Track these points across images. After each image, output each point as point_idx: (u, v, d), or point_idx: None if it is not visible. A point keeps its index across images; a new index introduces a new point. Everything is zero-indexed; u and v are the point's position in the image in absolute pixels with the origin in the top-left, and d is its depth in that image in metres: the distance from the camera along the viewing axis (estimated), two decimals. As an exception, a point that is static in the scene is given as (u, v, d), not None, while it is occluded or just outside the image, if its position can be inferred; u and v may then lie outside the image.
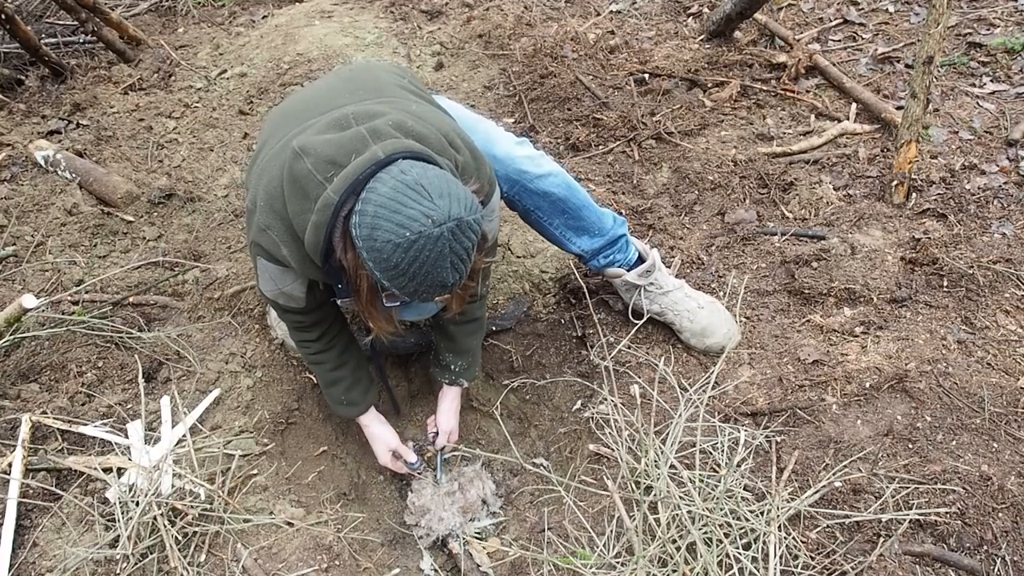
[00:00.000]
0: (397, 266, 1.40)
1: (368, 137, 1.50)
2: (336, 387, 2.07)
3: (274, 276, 1.74)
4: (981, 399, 1.91)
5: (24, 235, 2.69)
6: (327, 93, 1.79)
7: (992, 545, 1.67)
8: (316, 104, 1.74)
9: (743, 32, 3.46)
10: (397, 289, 1.45)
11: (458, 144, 1.67)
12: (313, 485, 2.19)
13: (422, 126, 1.60)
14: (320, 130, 1.58)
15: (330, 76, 1.96)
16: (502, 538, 2.05)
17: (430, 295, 1.47)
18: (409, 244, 1.37)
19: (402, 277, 1.42)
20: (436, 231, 1.37)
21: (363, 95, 1.74)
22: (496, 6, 3.78)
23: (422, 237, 1.37)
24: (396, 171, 1.43)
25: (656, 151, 2.92)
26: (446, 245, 1.39)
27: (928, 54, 2.37)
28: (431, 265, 1.40)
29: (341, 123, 1.58)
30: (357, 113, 1.59)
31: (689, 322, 2.19)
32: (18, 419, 2.07)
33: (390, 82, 1.83)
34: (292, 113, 1.77)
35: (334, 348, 2.01)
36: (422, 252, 1.38)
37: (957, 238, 2.33)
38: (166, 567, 1.78)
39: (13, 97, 3.44)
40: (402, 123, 1.57)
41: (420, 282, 1.42)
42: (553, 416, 2.32)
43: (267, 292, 1.81)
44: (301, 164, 1.52)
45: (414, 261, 1.39)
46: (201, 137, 3.19)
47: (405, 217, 1.37)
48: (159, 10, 4.21)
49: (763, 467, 1.85)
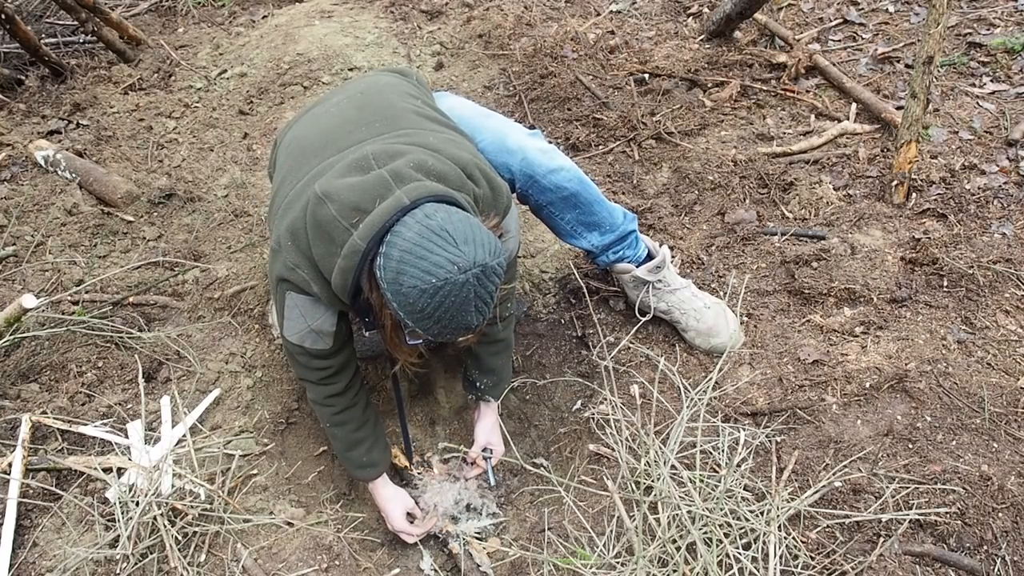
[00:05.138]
0: (423, 310, 1.42)
1: (391, 181, 1.51)
2: (358, 449, 1.99)
3: (304, 311, 1.71)
4: (981, 399, 1.91)
5: (24, 235, 2.69)
6: (341, 123, 1.79)
7: (992, 545, 1.67)
8: (333, 138, 1.74)
9: (743, 32, 3.46)
10: (421, 330, 1.48)
11: (476, 176, 1.69)
12: (313, 485, 2.19)
13: (441, 163, 1.61)
14: (341, 172, 1.59)
15: (342, 99, 1.92)
16: (502, 538, 2.05)
17: (454, 336, 1.51)
18: (435, 290, 1.39)
19: (427, 320, 1.44)
20: (462, 278, 1.39)
21: (379, 127, 1.74)
22: (496, 6, 3.78)
23: (448, 284, 1.39)
24: (421, 215, 1.45)
25: (656, 151, 2.92)
26: (471, 291, 1.41)
27: (928, 54, 2.37)
28: (456, 310, 1.42)
29: (362, 165, 1.59)
30: (377, 154, 1.60)
31: (695, 321, 2.18)
32: (18, 419, 2.07)
33: (404, 107, 1.82)
34: (309, 148, 1.77)
35: (358, 405, 1.97)
36: (447, 298, 1.40)
37: (957, 238, 2.33)
38: (166, 567, 1.78)
39: (13, 97, 3.44)
40: (423, 163, 1.58)
41: (445, 325, 1.45)
42: (553, 416, 2.32)
43: (294, 336, 1.76)
44: (325, 210, 1.53)
45: (439, 306, 1.41)
46: (201, 137, 3.19)
47: (431, 264, 1.39)
48: (159, 10, 4.20)
49: (763, 467, 1.85)
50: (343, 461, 2.08)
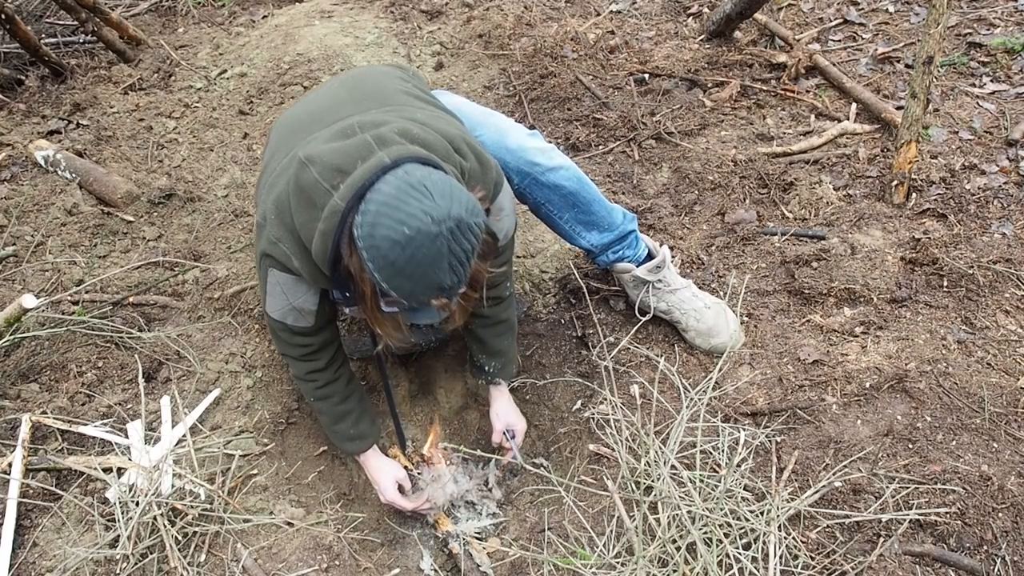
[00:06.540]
0: (394, 263, 1.39)
1: (374, 144, 1.50)
2: (344, 422, 2.02)
3: (286, 288, 1.72)
4: (981, 399, 1.91)
5: (24, 235, 2.69)
6: (331, 103, 1.79)
7: (992, 545, 1.67)
8: (321, 115, 1.74)
9: (743, 32, 3.46)
10: (394, 290, 1.43)
11: (464, 150, 1.67)
12: (313, 485, 2.19)
13: (427, 133, 1.60)
14: (326, 140, 1.59)
15: (333, 83, 1.95)
16: (502, 538, 2.05)
17: (426, 296, 1.44)
18: (408, 241, 1.36)
19: (399, 276, 1.40)
20: (435, 229, 1.36)
21: (368, 104, 1.74)
22: (496, 6, 3.78)
23: (420, 234, 1.36)
24: (400, 173, 1.43)
25: (656, 151, 2.92)
26: (444, 245, 1.38)
27: (928, 54, 2.37)
28: (428, 264, 1.38)
29: (346, 132, 1.59)
30: (362, 122, 1.60)
31: (696, 321, 2.18)
32: (18, 419, 2.07)
33: (395, 88, 1.83)
34: (298, 125, 1.77)
35: (341, 379, 1.99)
36: (420, 250, 1.37)
37: (957, 238, 2.33)
38: (166, 567, 1.78)
39: (13, 97, 3.44)
40: (407, 130, 1.57)
41: (416, 282, 1.41)
42: (553, 416, 2.32)
43: (276, 312, 1.78)
44: (307, 173, 1.52)
45: (411, 259, 1.38)
46: (201, 137, 3.19)
47: (405, 214, 1.37)
48: (159, 10, 4.20)
49: (763, 467, 1.85)
50: (331, 437, 2.09)
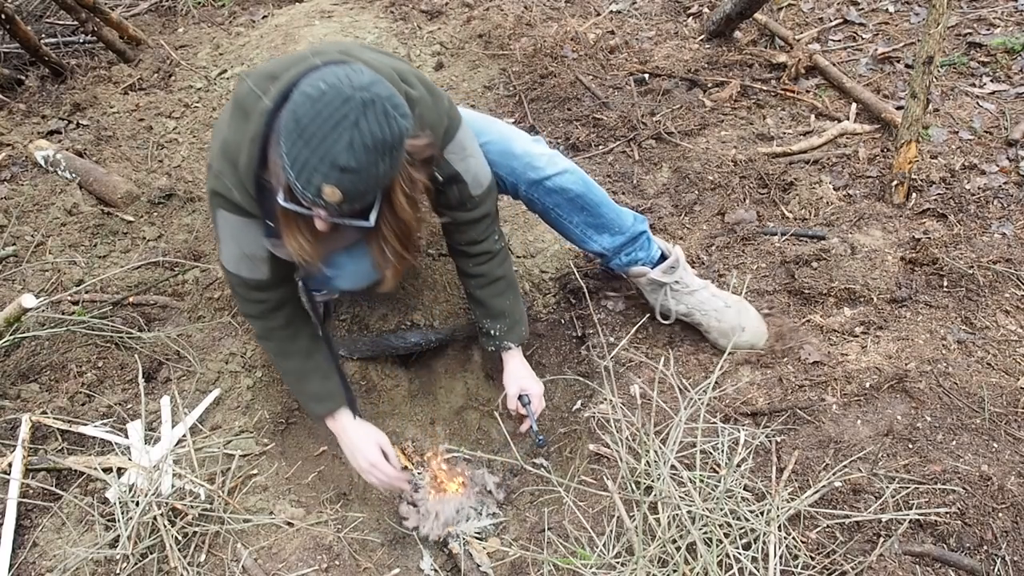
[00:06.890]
0: (299, 121, 1.36)
1: (310, 55, 1.51)
2: (310, 380, 1.95)
3: (235, 232, 1.69)
4: (981, 399, 1.91)
5: (24, 235, 2.69)
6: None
7: (992, 545, 1.67)
8: None
9: (743, 32, 3.46)
10: (291, 162, 1.38)
11: (412, 81, 1.65)
12: (313, 485, 2.19)
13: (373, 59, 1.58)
14: None
15: None
16: (502, 538, 2.05)
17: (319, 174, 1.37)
18: (319, 95, 1.35)
19: (300, 140, 1.36)
20: (348, 91, 1.35)
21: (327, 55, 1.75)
22: (496, 6, 3.78)
23: (333, 90, 1.35)
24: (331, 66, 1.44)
25: (656, 151, 2.92)
26: (353, 113, 1.34)
27: (928, 54, 2.37)
28: (331, 128, 1.34)
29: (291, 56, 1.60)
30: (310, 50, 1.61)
31: (717, 322, 2.16)
32: (18, 419, 2.07)
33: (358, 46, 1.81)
34: None
35: (303, 336, 1.94)
36: (328, 106, 1.34)
37: (957, 238, 2.33)
38: (166, 567, 1.78)
39: (13, 97, 3.44)
40: (349, 50, 1.57)
41: (314, 149, 1.35)
42: (553, 416, 2.32)
43: (230, 263, 1.77)
44: (243, 86, 1.54)
45: (316, 116, 1.35)
46: (201, 137, 3.19)
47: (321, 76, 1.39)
48: (159, 10, 4.20)
49: (763, 467, 1.85)
50: (299, 399, 2.04)
